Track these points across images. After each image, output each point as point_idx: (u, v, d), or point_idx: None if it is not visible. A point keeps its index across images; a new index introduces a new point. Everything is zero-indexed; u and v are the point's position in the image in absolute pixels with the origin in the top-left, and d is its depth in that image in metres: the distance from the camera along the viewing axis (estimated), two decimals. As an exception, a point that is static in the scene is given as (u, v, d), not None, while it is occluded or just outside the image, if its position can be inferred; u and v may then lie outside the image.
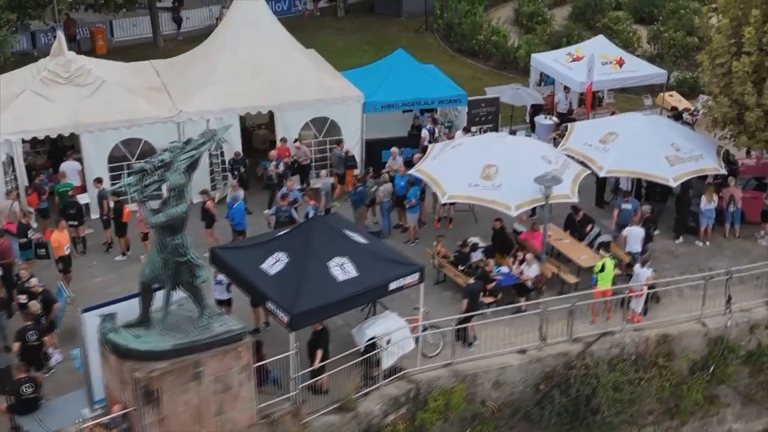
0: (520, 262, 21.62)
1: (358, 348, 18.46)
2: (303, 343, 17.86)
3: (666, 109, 30.85)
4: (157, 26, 39.40)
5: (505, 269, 21.70)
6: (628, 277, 21.44)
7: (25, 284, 19.43)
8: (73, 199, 23.59)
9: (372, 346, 18.34)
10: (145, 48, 38.30)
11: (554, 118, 30.12)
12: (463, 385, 19.03)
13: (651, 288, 21.16)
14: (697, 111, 29.62)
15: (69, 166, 25.10)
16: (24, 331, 18.15)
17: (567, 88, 30.62)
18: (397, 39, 39.07)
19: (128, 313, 16.27)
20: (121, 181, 17.03)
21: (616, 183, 25.96)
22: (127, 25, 40.50)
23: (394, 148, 26.16)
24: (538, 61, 32.45)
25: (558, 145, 26.11)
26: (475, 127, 28.72)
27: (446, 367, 19.22)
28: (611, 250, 22.05)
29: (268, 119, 28.20)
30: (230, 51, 26.77)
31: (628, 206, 23.57)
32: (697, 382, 21.10)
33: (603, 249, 21.89)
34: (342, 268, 18.06)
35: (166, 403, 15.67)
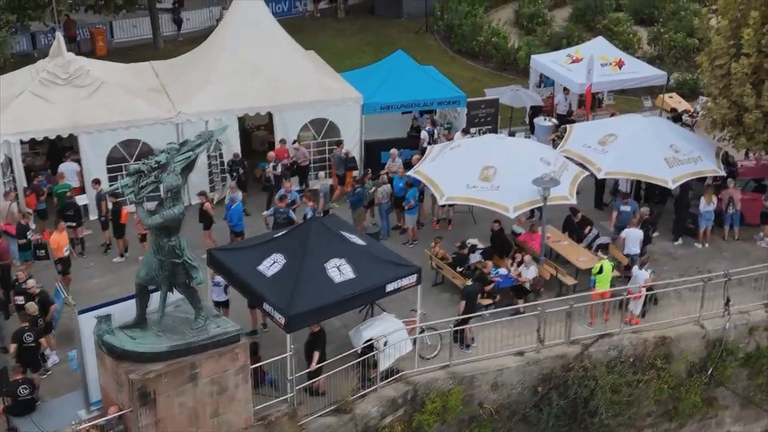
0: (519, 264, 21.60)
1: (356, 350, 18.43)
2: (300, 345, 17.87)
3: (665, 111, 30.81)
4: (157, 27, 39.40)
5: (503, 271, 21.65)
6: (627, 279, 21.43)
7: (23, 285, 19.43)
8: (71, 201, 23.60)
9: (369, 348, 18.32)
10: (145, 49, 38.27)
11: (554, 120, 30.04)
12: (461, 387, 19.00)
13: (649, 290, 21.11)
14: (697, 112, 29.57)
15: (67, 167, 25.13)
16: (21, 332, 18.11)
17: (566, 90, 30.58)
18: (398, 40, 39.04)
19: (124, 315, 16.23)
20: (118, 182, 17.08)
21: (615, 185, 25.93)
22: (127, 26, 40.51)
23: (394, 150, 26.12)
24: (538, 62, 32.40)
25: (557, 147, 26.10)
26: (475, 129, 28.68)
27: (444, 369, 19.20)
28: (609, 252, 22.02)
29: (267, 120, 28.17)
30: (229, 52, 26.74)
31: (627, 208, 23.54)
32: (696, 384, 21.07)
33: (601, 251, 21.88)
34: (339, 270, 18.03)
35: (162, 405, 15.63)
